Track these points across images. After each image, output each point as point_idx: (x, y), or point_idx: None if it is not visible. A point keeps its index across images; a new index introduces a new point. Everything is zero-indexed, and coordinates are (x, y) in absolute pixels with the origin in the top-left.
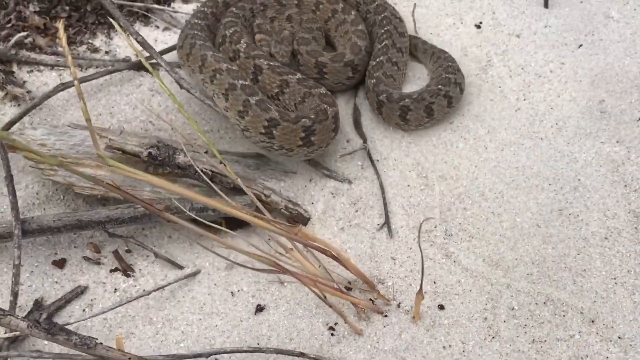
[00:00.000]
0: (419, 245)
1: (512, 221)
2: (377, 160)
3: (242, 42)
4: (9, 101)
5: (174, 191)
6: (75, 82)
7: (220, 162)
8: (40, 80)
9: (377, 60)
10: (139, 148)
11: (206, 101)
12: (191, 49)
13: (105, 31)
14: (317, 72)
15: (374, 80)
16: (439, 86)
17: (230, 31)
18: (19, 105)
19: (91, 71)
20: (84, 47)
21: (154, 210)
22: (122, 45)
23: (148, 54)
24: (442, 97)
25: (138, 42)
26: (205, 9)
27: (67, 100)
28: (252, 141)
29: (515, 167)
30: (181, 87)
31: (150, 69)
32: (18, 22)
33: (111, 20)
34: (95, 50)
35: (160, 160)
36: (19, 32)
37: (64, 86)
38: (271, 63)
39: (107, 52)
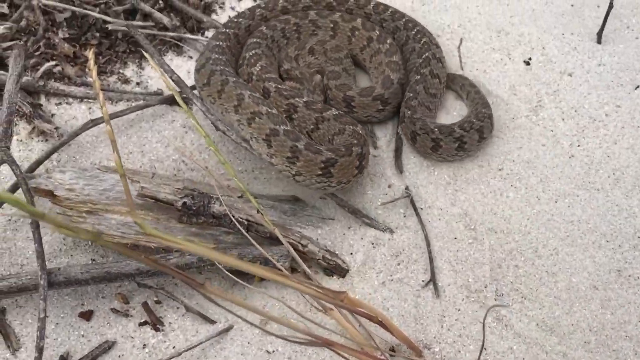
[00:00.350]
0: (484, 327)
1: (568, 282)
2: (421, 209)
3: (257, 64)
4: (37, 136)
5: (206, 255)
6: (112, 144)
7: (258, 212)
8: (69, 114)
9: (414, 89)
10: (173, 196)
11: (243, 144)
12: (223, 86)
13: (137, 60)
14: (345, 105)
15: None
16: (457, 128)
17: (250, 53)
18: (46, 140)
19: (122, 105)
20: (115, 77)
21: (189, 282)
22: (153, 77)
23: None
24: (452, 140)
25: (173, 80)
26: (221, 44)
27: (97, 137)
28: (305, 184)
29: (570, 222)
30: (217, 129)
31: (186, 109)
32: (47, 49)
33: (145, 54)
34: (126, 81)
35: (194, 210)
36: (48, 60)
37: (93, 123)
38: (279, 86)
39: (138, 84)
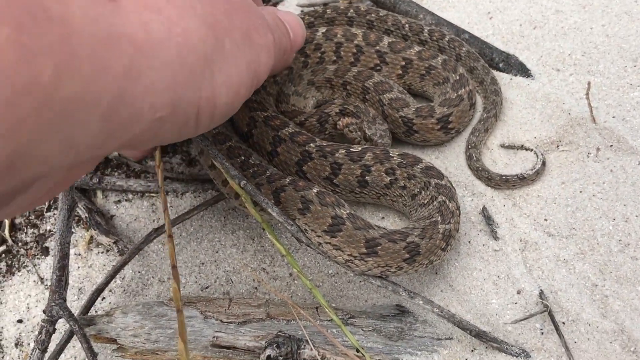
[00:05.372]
0: None
1: None
2: (563, 324)
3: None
4: (96, 247)
5: None
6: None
7: (357, 351)
8: (130, 214)
9: None
10: (254, 342)
11: (333, 259)
12: (280, 192)
13: None
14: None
15: None
16: None
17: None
18: (107, 252)
19: (188, 198)
20: (179, 156)
21: None
22: None
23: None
24: None
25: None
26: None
27: (164, 244)
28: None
29: None
30: (300, 242)
31: (261, 219)
32: None
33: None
34: (192, 162)
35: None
36: None
37: (156, 233)
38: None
39: None
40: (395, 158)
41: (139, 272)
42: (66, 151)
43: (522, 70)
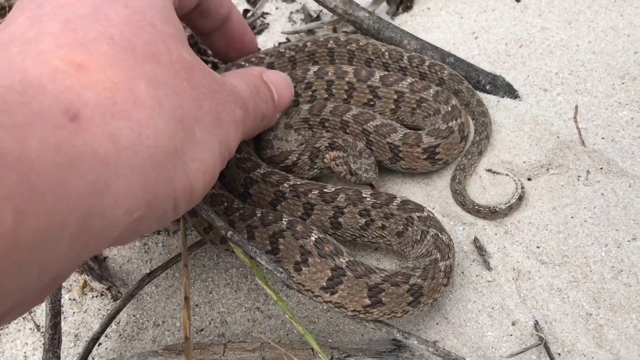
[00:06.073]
0: None
1: None
2: (559, 355)
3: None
4: (90, 291)
5: None
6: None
7: None
8: (122, 255)
9: None
10: None
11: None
12: (279, 238)
13: None
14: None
15: None
16: None
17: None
18: (101, 295)
19: (180, 235)
20: None
21: None
22: None
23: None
24: None
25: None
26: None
27: (157, 286)
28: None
29: None
30: (289, 287)
31: (251, 264)
32: None
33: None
34: None
35: None
36: None
37: (149, 278)
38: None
39: None
40: (368, 199)
41: (134, 315)
42: (40, 277)
43: (509, 92)
